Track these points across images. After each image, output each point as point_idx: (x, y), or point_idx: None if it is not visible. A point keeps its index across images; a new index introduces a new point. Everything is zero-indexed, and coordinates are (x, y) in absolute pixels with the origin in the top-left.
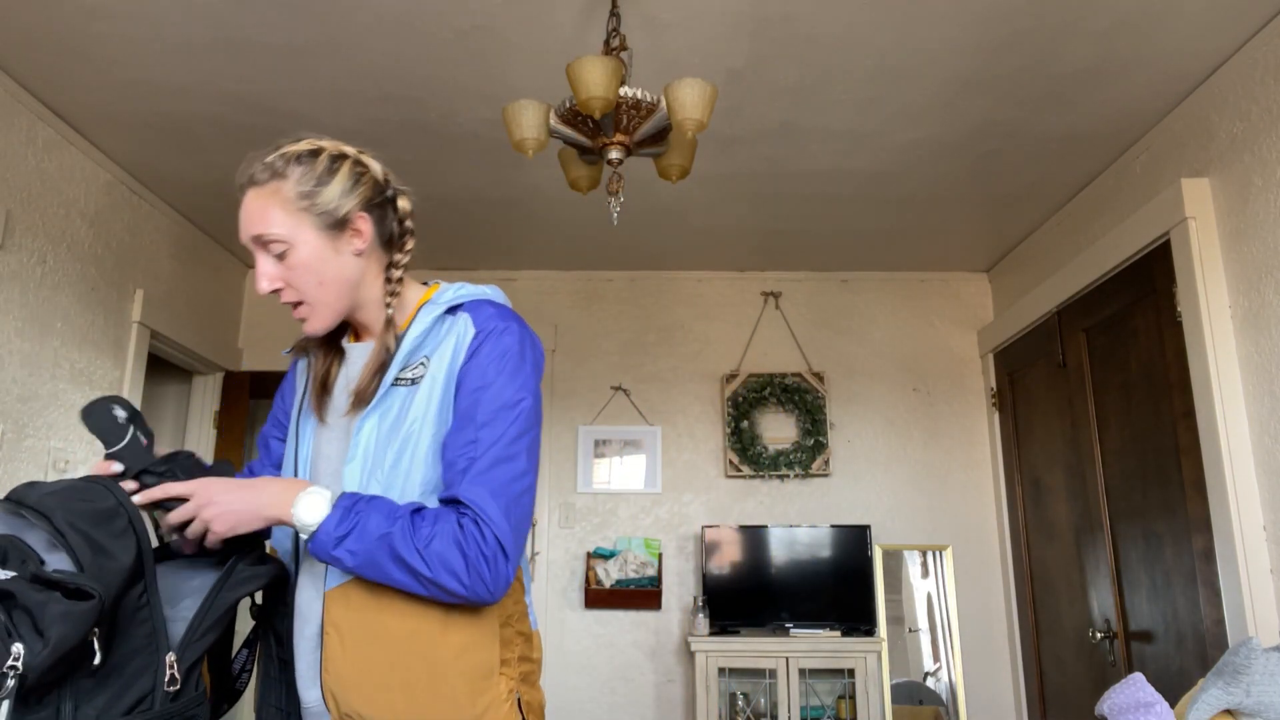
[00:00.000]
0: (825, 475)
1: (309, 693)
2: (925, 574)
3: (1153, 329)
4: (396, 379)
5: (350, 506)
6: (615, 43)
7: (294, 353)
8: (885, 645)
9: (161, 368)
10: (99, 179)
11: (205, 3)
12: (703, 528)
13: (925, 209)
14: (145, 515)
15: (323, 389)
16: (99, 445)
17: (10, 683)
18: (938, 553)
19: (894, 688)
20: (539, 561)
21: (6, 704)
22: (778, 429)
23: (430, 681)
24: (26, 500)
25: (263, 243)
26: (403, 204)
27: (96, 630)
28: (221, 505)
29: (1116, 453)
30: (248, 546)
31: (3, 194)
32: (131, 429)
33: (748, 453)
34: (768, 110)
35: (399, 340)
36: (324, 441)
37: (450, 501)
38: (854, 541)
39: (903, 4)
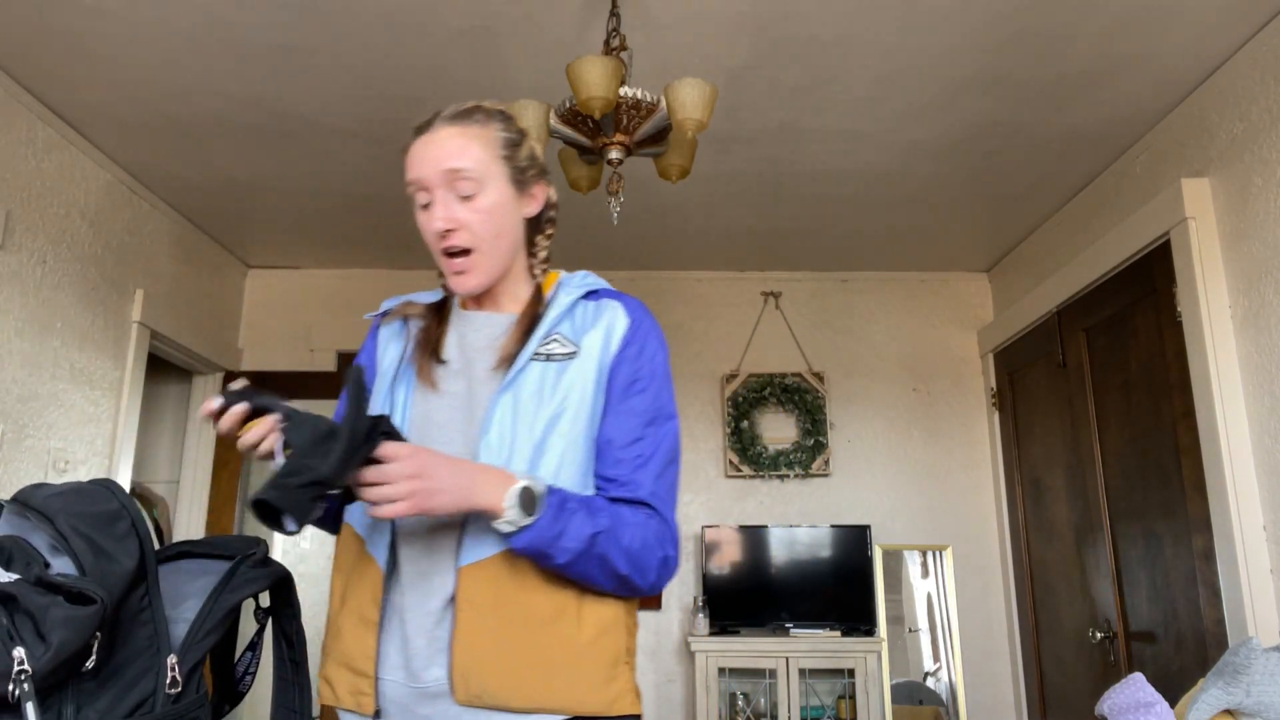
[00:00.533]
0: (825, 475)
1: (427, 672)
2: (925, 574)
3: (1153, 329)
4: (534, 354)
5: (561, 504)
6: (615, 43)
7: (390, 316)
8: (885, 645)
9: (161, 368)
10: (99, 179)
11: (205, 3)
12: (703, 528)
13: (925, 209)
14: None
15: (433, 353)
16: (99, 444)
17: (26, 686)
18: (938, 553)
19: (894, 688)
20: None
21: (31, 705)
22: (778, 429)
23: (569, 664)
24: (31, 502)
25: (455, 178)
26: (552, 191)
27: (98, 634)
28: (439, 482)
29: (1116, 453)
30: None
31: (3, 194)
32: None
33: (748, 453)
34: (768, 110)
35: (542, 315)
36: (434, 409)
37: (633, 502)
38: (854, 541)
39: (903, 4)
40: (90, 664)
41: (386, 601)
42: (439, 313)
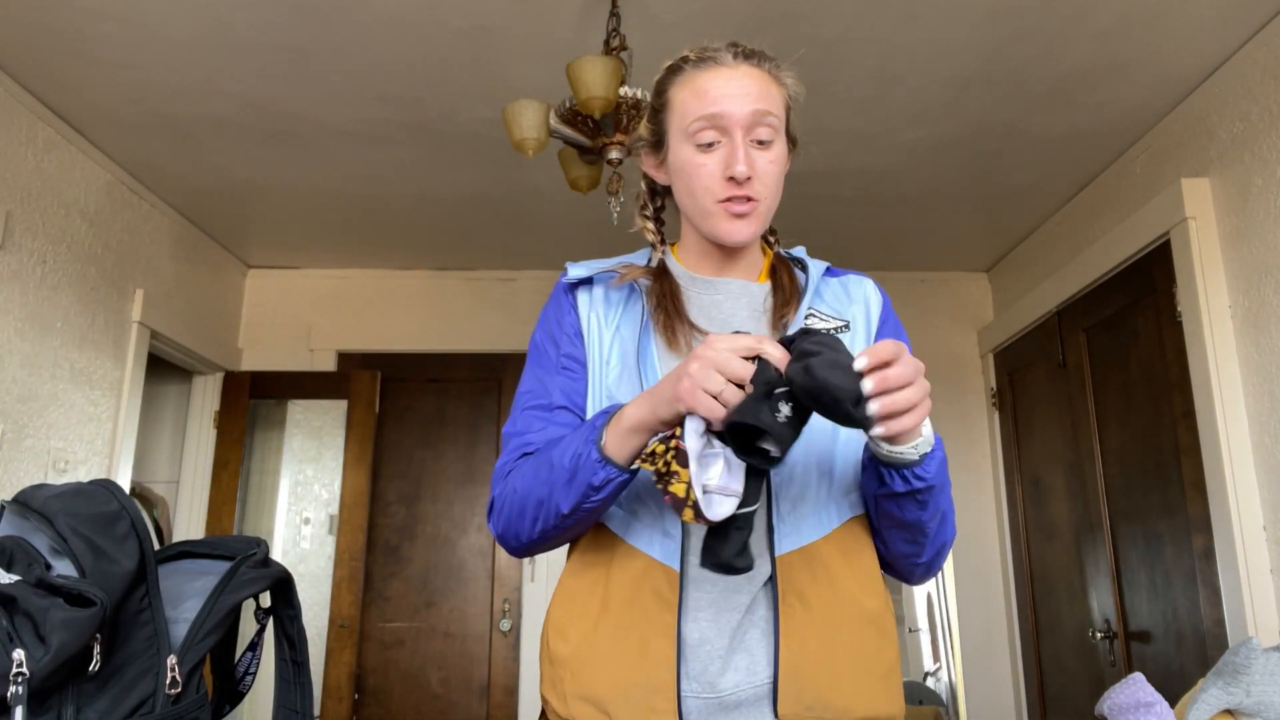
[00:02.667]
0: None
1: (726, 677)
2: None
3: (1153, 329)
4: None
5: (939, 448)
6: (615, 43)
7: (623, 278)
8: None
9: (161, 368)
10: (99, 179)
11: (205, 3)
12: None
13: (925, 209)
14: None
15: (679, 316)
16: (99, 444)
17: (20, 689)
18: None
19: None
20: (541, 561)
21: (20, 709)
22: None
23: (889, 671)
24: (32, 503)
25: (758, 121)
26: None
27: (98, 636)
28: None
29: (1116, 453)
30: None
31: (3, 194)
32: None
33: None
34: None
35: (803, 286)
36: None
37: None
38: None
39: (903, 4)
40: (94, 666)
41: (682, 604)
42: (665, 275)
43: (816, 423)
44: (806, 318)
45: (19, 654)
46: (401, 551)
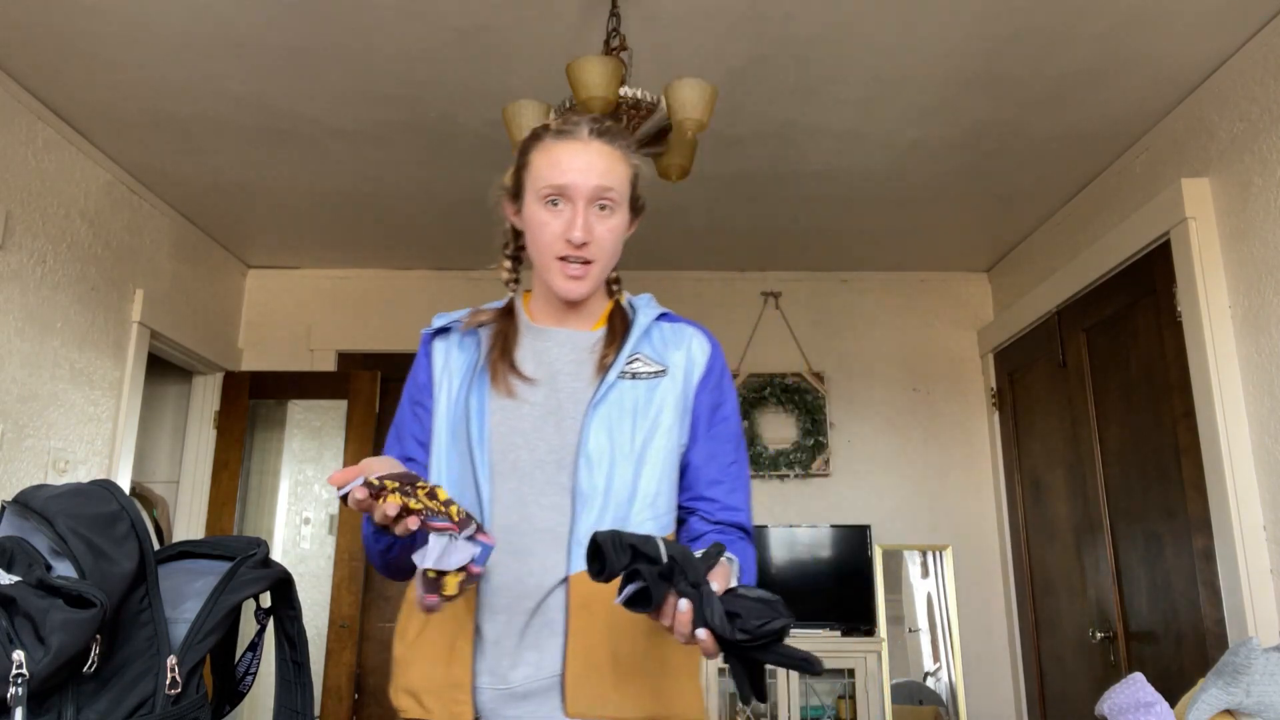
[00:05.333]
0: (825, 475)
1: (514, 672)
2: (925, 574)
3: (1153, 329)
4: (621, 371)
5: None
6: (615, 43)
7: (467, 324)
8: (885, 645)
9: (161, 368)
10: (99, 179)
11: (206, 2)
12: None
13: (925, 209)
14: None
15: (509, 364)
16: (99, 444)
17: (20, 690)
18: (938, 553)
19: (894, 688)
20: None
21: (20, 710)
22: (778, 429)
23: (675, 673)
24: (32, 504)
25: (602, 195)
26: None
27: (98, 637)
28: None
29: (1116, 453)
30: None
31: (3, 194)
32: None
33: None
34: (768, 110)
35: (626, 335)
36: (517, 418)
37: (735, 526)
38: (854, 541)
39: (903, 4)
40: (90, 667)
41: (478, 607)
42: (510, 322)
43: (619, 454)
44: (631, 362)
45: (19, 655)
46: None
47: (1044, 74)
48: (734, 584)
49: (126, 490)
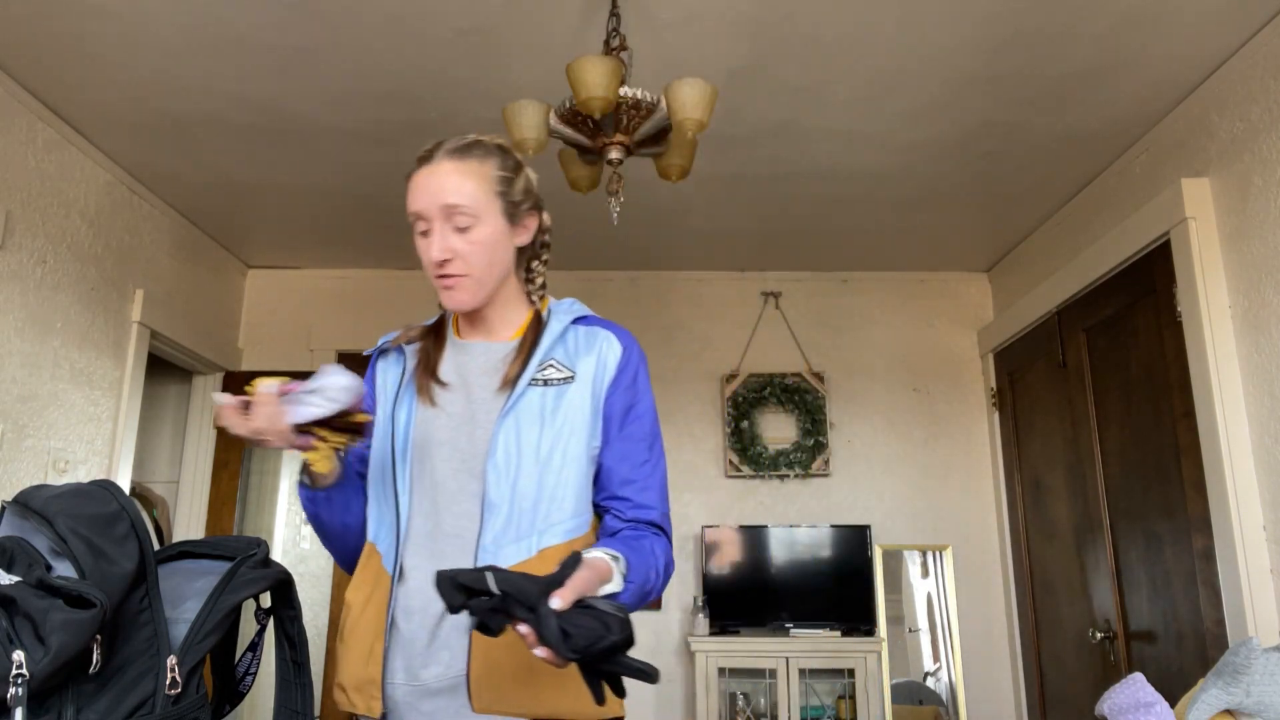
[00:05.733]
0: (825, 475)
1: (426, 670)
2: (925, 574)
3: (1153, 329)
4: (532, 379)
5: (638, 583)
6: (615, 43)
7: (393, 343)
8: (885, 645)
9: (161, 368)
10: (99, 179)
11: (206, 3)
12: (703, 528)
13: (925, 209)
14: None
15: (433, 376)
16: (99, 444)
17: (20, 690)
18: (938, 553)
19: (894, 688)
20: None
21: (20, 710)
22: (778, 429)
23: (563, 675)
24: (32, 504)
25: (452, 213)
26: (545, 218)
27: (98, 637)
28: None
29: (1116, 453)
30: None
31: (3, 194)
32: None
33: (748, 453)
34: (768, 110)
35: (539, 343)
36: (435, 427)
37: (648, 524)
38: (854, 541)
39: (903, 4)
40: (94, 668)
41: (392, 609)
42: (436, 337)
43: (525, 461)
44: (544, 368)
45: (19, 655)
46: None
47: (1044, 74)
48: (603, 590)
49: (126, 490)
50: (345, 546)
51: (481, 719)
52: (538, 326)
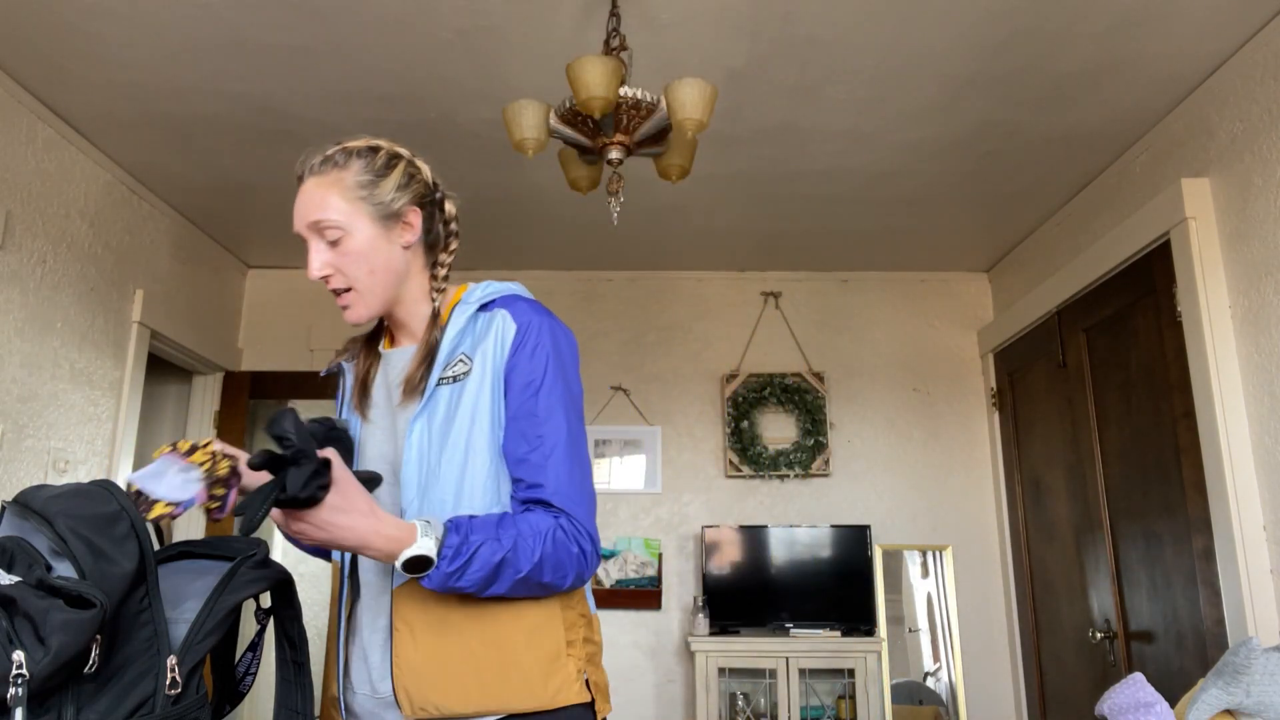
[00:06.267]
0: (825, 475)
1: (382, 684)
2: (925, 574)
3: (1153, 329)
4: (440, 379)
5: (457, 547)
6: (615, 43)
7: (332, 362)
8: (885, 645)
9: (161, 368)
10: (99, 179)
11: (205, 3)
12: (703, 528)
13: (925, 209)
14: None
15: (363, 390)
16: (99, 444)
17: (20, 690)
18: (938, 553)
19: (894, 688)
20: None
21: (20, 711)
22: (778, 429)
23: (502, 667)
24: (32, 504)
25: (319, 229)
26: (449, 207)
27: (98, 637)
28: (328, 531)
29: (1116, 453)
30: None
31: (3, 194)
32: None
33: (748, 453)
34: (768, 110)
35: (437, 340)
36: (369, 442)
37: (537, 502)
38: (854, 541)
39: (902, 4)
40: (91, 667)
41: (352, 620)
42: (368, 350)
43: (434, 462)
44: (455, 364)
45: (18, 655)
46: None
47: (1044, 74)
48: (406, 553)
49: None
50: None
51: None
52: (434, 324)
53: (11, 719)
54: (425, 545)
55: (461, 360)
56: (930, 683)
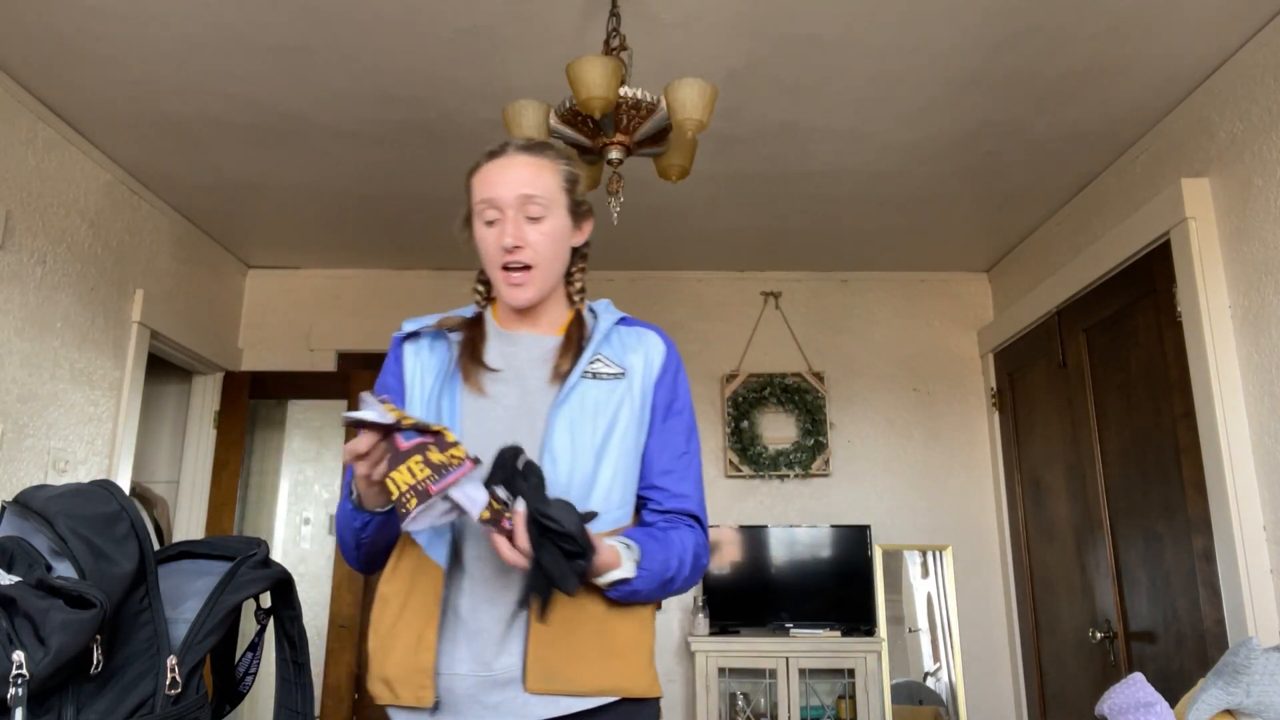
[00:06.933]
0: (825, 475)
1: (499, 661)
2: (925, 574)
3: (1153, 329)
4: (583, 372)
5: (649, 567)
6: (615, 43)
7: (428, 328)
8: (885, 645)
9: (161, 368)
10: (99, 179)
11: (206, 3)
12: None
13: (925, 209)
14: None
15: (481, 364)
16: (99, 444)
17: (20, 690)
18: (938, 553)
19: (894, 688)
20: None
21: (20, 710)
22: (778, 429)
23: (623, 651)
24: (32, 504)
25: (527, 201)
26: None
27: (99, 637)
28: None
29: (1116, 453)
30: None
31: (3, 194)
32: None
33: (748, 453)
34: (768, 110)
35: (588, 337)
36: (489, 416)
37: (683, 513)
38: (854, 541)
39: (903, 4)
40: (96, 668)
41: (446, 599)
42: (477, 327)
43: (579, 451)
44: (593, 363)
45: (19, 655)
46: None
47: (1044, 74)
48: (610, 576)
49: (126, 490)
50: (377, 556)
51: (542, 708)
52: (582, 324)
53: (12, 719)
54: (628, 569)
55: (602, 361)
56: (930, 683)
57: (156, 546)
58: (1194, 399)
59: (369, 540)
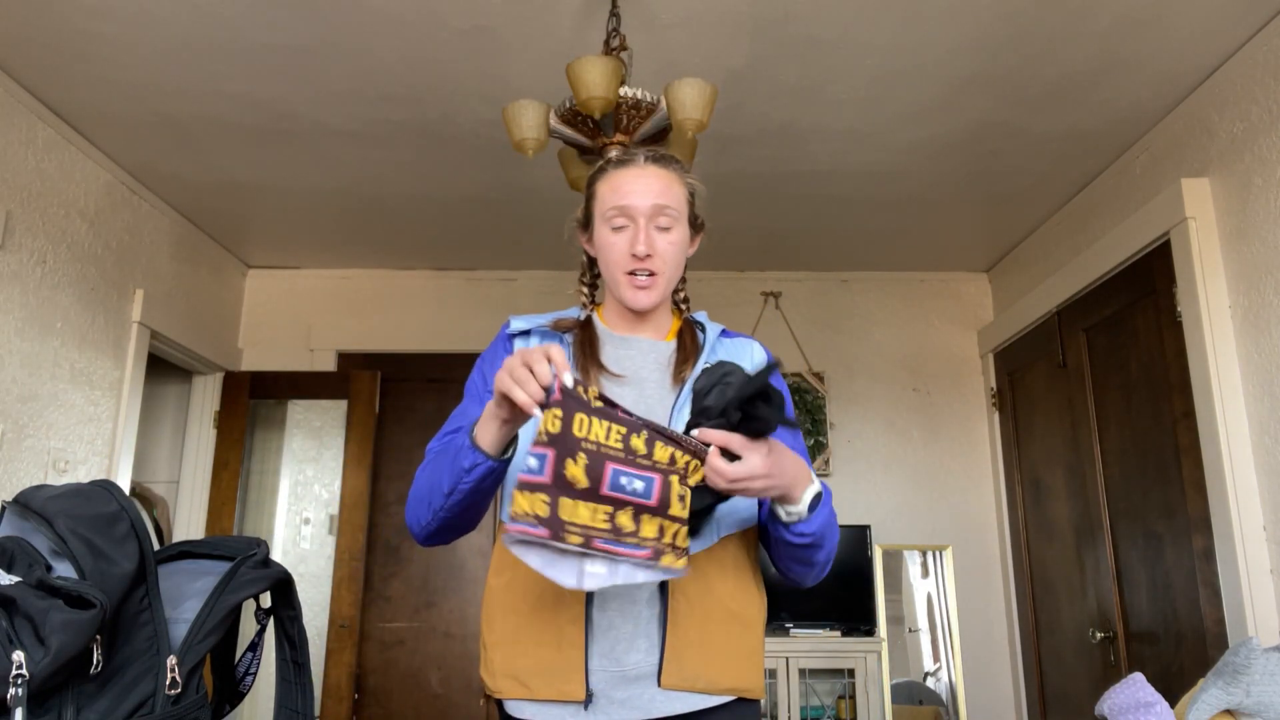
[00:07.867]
0: (825, 475)
1: (630, 656)
2: (925, 574)
3: (1153, 329)
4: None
5: (827, 501)
6: (615, 43)
7: (541, 326)
8: (885, 645)
9: (161, 368)
10: (99, 179)
11: (206, 3)
12: None
13: (925, 209)
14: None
15: (600, 367)
16: (99, 444)
17: (20, 690)
18: (938, 553)
19: (894, 688)
20: None
21: (20, 711)
22: None
23: (747, 651)
24: (31, 504)
25: (660, 212)
26: None
27: (98, 637)
28: (782, 478)
29: (1116, 453)
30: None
31: (3, 194)
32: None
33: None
34: (768, 110)
35: (700, 345)
36: None
37: None
38: (854, 541)
39: (903, 4)
40: (96, 669)
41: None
42: (588, 330)
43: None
44: (703, 372)
45: (19, 656)
46: (401, 552)
47: (1044, 74)
48: (808, 491)
49: (126, 490)
50: (453, 522)
51: (668, 704)
52: (692, 331)
53: (11, 719)
54: (819, 483)
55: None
56: (930, 683)
57: (156, 546)
58: (1194, 399)
59: (461, 497)
